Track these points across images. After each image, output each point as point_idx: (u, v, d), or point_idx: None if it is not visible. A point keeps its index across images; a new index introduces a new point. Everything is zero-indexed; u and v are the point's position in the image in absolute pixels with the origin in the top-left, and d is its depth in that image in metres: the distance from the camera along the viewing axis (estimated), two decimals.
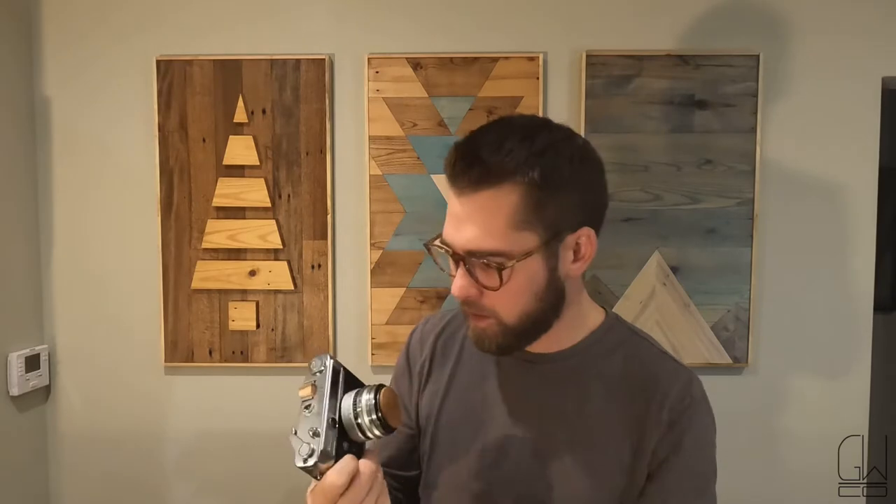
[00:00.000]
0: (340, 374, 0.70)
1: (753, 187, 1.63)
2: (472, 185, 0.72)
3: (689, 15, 1.65)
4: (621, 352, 0.85)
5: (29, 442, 1.68)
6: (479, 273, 0.74)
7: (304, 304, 1.68)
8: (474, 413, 0.87)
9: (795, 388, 1.68)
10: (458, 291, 0.75)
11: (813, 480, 1.67)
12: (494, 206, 0.72)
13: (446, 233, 0.76)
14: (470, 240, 0.73)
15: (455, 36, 1.66)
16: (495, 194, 0.71)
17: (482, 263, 0.74)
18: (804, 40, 1.64)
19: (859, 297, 1.67)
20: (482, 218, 0.72)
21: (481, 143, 0.74)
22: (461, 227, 0.74)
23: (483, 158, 0.72)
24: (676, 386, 0.81)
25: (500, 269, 0.73)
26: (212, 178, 1.66)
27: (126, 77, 1.67)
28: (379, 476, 0.68)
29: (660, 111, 1.63)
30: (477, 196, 0.72)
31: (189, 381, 1.72)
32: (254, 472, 1.72)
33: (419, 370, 0.94)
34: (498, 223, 0.72)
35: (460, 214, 0.74)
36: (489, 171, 0.71)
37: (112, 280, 1.70)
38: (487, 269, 0.74)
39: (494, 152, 0.72)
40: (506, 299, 0.75)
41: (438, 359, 0.93)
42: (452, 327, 0.95)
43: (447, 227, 0.76)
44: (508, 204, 0.71)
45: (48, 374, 1.71)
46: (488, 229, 0.72)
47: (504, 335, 0.78)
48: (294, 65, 1.65)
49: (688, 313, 1.65)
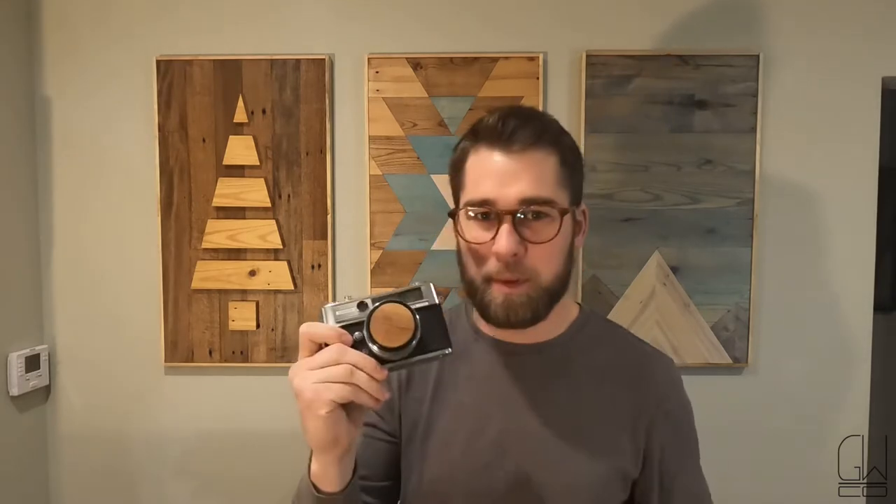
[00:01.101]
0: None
1: (753, 187, 1.63)
2: (526, 141, 0.77)
3: (689, 15, 1.65)
4: (603, 341, 0.90)
5: (29, 442, 1.68)
6: (525, 229, 0.77)
7: (304, 304, 1.68)
8: (468, 413, 0.87)
9: (795, 388, 1.68)
10: (506, 248, 0.75)
11: (813, 480, 1.67)
12: (544, 163, 0.78)
13: (489, 191, 0.77)
14: (524, 189, 0.76)
15: (455, 36, 1.66)
16: (545, 154, 0.79)
17: (534, 213, 0.77)
18: (804, 40, 1.64)
19: (859, 297, 1.67)
20: (536, 171, 0.77)
21: (524, 110, 0.82)
22: (512, 181, 0.76)
23: (537, 118, 0.80)
24: (660, 369, 0.89)
25: (563, 214, 0.79)
26: (212, 178, 1.66)
27: (126, 77, 1.67)
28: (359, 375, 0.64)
29: (660, 111, 1.63)
30: (530, 153, 0.78)
31: (189, 381, 1.72)
32: (254, 472, 1.72)
33: (396, 378, 0.92)
34: (549, 176, 0.79)
35: (510, 169, 0.77)
36: (544, 131, 0.79)
37: (112, 280, 1.70)
38: (537, 221, 0.78)
39: (542, 118, 0.81)
40: (549, 255, 0.78)
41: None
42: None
43: (488, 186, 0.77)
44: (553, 164, 0.79)
45: (48, 374, 1.70)
46: (542, 180, 0.78)
47: (539, 299, 0.80)
48: (294, 65, 1.65)
49: (688, 313, 1.65)
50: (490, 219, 0.78)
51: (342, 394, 0.62)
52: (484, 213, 0.79)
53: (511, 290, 0.79)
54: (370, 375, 0.63)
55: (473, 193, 0.79)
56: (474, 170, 0.81)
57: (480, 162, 0.80)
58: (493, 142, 0.79)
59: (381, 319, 0.65)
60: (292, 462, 1.70)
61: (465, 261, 0.84)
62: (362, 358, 0.63)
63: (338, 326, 0.66)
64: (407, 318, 0.65)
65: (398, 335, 0.65)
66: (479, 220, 0.79)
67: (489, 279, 0.80)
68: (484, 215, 0.79)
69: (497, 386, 0.87)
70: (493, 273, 0.79)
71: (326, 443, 0.65)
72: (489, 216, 0.78)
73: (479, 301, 0.82)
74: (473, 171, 0.81)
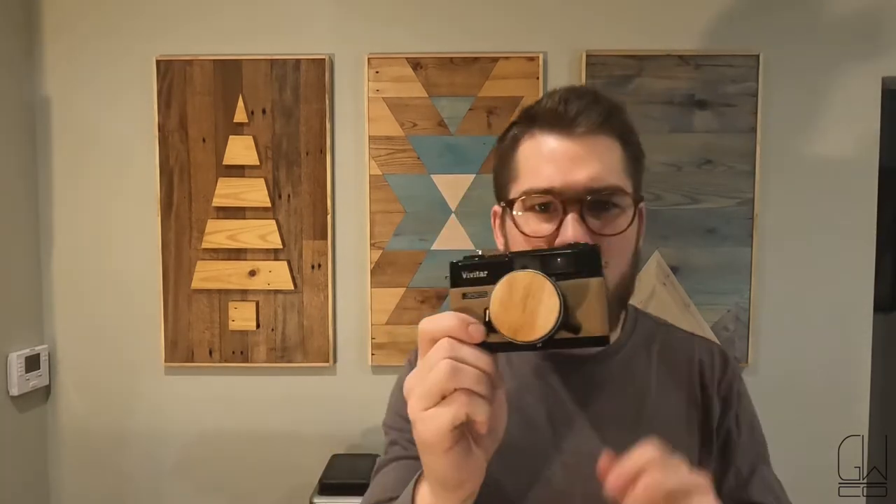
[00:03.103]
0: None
1: (753, 187, 1.63)
2: (592, 125, 0.69)
3: (688, 15, 1.65)
4: (657, 341, 0.83)
5: (29, 442, 1.68)
6: (593, 220, 0.68)
7: (304, 304, 1.68)
8: (527, 435, 0.74)
9: (795, 388, 1.68)
10: (575, 238, 0.65)
11: (813, 480, 1.67)
12: (611, 150, 0.71)
13: (552, 177, 0.68)
14: (592, 175, 0.68)
15: (455, 36, 1.66)
16: (609, 141, 0.71)
17: (603, 203, 0.69)
18: (804, 40, 1.64)
19: (859, 297, 1.67)
20: (603, 156, 0.70)
21: (587, 91, 0.73)
22: (578, 166, 0.68)
23: (603, 101, 0.71)
24: (717, 362, 0.82)
25: (636, 203, 0.71)
26: (212, 178, 1.66)
27: (126, 77, 1.67)
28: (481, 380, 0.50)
29: (660, 111, 1.63)
30: (595, 138, 0.70)
31: (189, 381, 1.72)
32: (254, 472, 1.72)
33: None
34: (616, 163, 0.71)
35: (575, 154, 0.69)
36: (610, 115, 0.71)
37: (112, 280, 1.70)
38: (606, 211, 0.69)
39: (607, 101, 0.72)
40: (620, 251, 0.70)
41: None
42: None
43: (550, 172, 0.68)
44: (619, 152, 0.72)
45: (48, 374, 1.70)
46: (611, 166, 0.70)
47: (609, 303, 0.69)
48: (294, 65, 1.65)
49: (688, 313, 1.65)
50: (551, 210, 0.69)
51: (456, 414, 0.49)
52: (544, 204, 0.69)
53: None
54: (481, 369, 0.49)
55: (533, 181, 0.69)
56: (531, 156, 0.72)
57: (538, 148, 0.71)
58: (554, 125, 0.70)
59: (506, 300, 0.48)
60: (292, 462, 1.70)
61: None
62: (472, 352, 0.49)
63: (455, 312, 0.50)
64: (548, 300, 0.47)
65: (529, 326, 0.47)
66: (537, 211, 0.70)
67: None
68: (543, 206, 0.69)
69: (557, 404, 0.76)
70: None
71: (451, 485, 0.53)
72: (549, 206, 0.69)
73: None
74: (530, 158, 0.72)
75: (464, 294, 0.51)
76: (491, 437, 0.55)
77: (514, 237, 0.73)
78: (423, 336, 0.52)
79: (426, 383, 0.50)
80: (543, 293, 0.47)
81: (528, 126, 0.74)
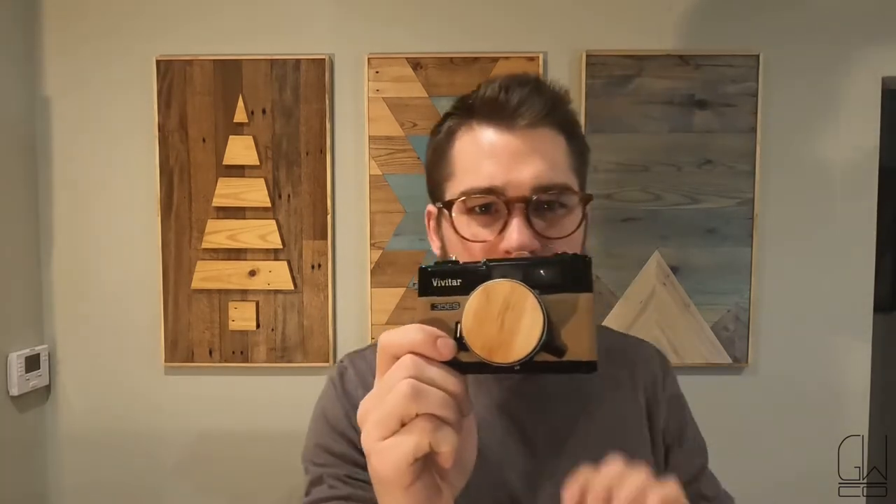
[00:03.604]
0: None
1: (753, 187, 1.63)
2: (535, 116, 0.63)
3: (688, 15, 1.65)
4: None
5: (29, 442, 1.68)
6: (539, 222, 0.62)
7: (304, 304, 1.68)
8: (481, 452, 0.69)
9: (795, 388, 1.68)
10: (519, 242, 0.60)
11: (813, 480, 1.67)
12: (555, 143, 0.65)
13: (493, 176, 0.62)
14: (539, 174, 0.62)
15: (455, 36, 1.66)
16: (554, 134, 0.65)
17: (549, 203, 0.63)
18: (804, 40, 1.64)
19: (859, 297, 1.67)
20: (549, 151, 0.64)
21: (528, 78, 0.66)
22: (522, 163, 0.62)
23: (545, 88, 0.65)
24: (655, 361, 0.81)
25: (585, 202, 0.64)
26: (212, 178, 1.66)
27: (126, 77, 1.67)
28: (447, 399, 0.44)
29: (660, 111, 1.63)
30: (540, 131, 0.64)
31: (189, 381, 1.72)
32: (254, 472, 1.72)
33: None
34: (562, 158, 0.65)
35: (518, 149, 0.62)
36: (555, 105, 0.65)
37: (112, 280, 1.70)
38: (552, 212, 0.63)
39: (550, 88, 0.66)
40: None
41: None
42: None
43: (492, 170, 0.62)
44: (563, 145, 0.66)
45: (48, 374, 1.70)
46: (556, 163, 0.64)
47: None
48: (294, 65, 1.65)
49: (688, 313, 1.65)
50: (493, 211, 0.64)
51: (419, 444, 0.42)
52: (485, 205, 0.64)
53: None
54: (449, 392, 0.43)
55: (473, 180, 0.63)
56: (469, 152, 0.66)
57: (477, 142, 0.65)
58: (493, 117, 0.64)
59: (481, 313, 0.41)
60: (292, 462, 1.70)
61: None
62: (438, 371, 0.43)
63: (422, 324, 0.44)
64: (530, 316, 0.40)
65: (507, 345, 0.41)
66: (478, 213, 0.64)
67: None
68: (485, 207, 0.64)
69: (509, 417, 0.70)
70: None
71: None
72: (491, 207, 0.63)
73: None
74: (468, 154, 0.66)
75: (433, 304, 0.44)
76: (458, 471, 0.48)
77: (453, 242, 0.67)
78: (383, 351, 0.45)
79: (384, 407, 0.42)
80: (525, 307, 0.41)
81: (466, 117, 0.68)
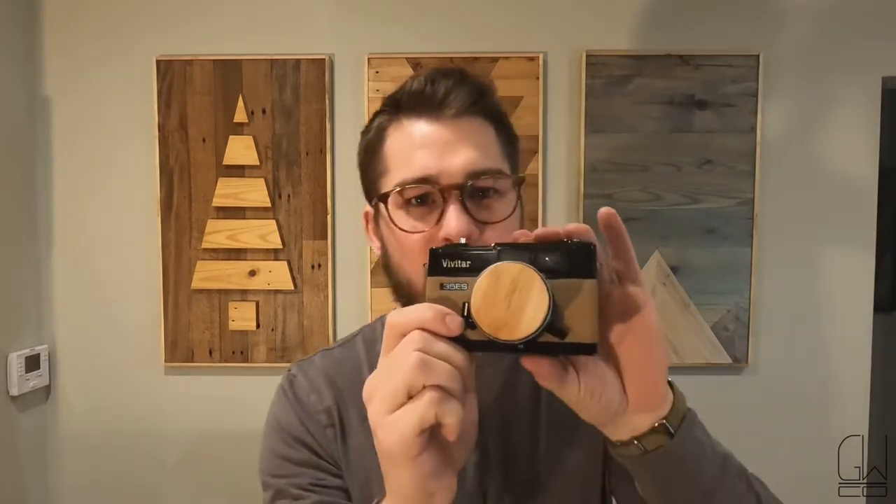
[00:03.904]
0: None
1: (753, 187, 1.63)
2: (461, 106, 0.64)
3: (688, 15, 1.65)
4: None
5: (29, 442, 1.68)
6: (475, 208, 0.63)
7: (304, 304, 1.68)
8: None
9: (795, 388, 1.68)
10: (457, 229, 0.60)
11: (813, 480, 1.67)
12: (484, 130, 0.66)
13: (426, 165, 0.63)
14: (470, 159, 0.63)
15: (455, 36, 1.65)
16: (481, 123, 0.66)
17: (483, 189, 0.63)
18: (804, 40, 1.64)
19: (859, 297, 1.67)
20: (479, 138, 0.65)
21: (452, 70, 0.67)
22: (454, 150, 0.63)
23: (471, 80, 0.66)
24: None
25: (518, 185, 0.65)
26: (212, 178, 1.66)
27: (126, 77, 1.67)
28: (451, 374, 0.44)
29: (660, 111, 1.63)
30: (467, 120, 0.65)
31: (189, 381, 1.72)
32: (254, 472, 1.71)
33: (326, 421, 0.72)
34: (492, 145, 0.66)
35: (449, 138, 0.63)
36: (480, 95, 0.65)
37: (112, 280, 1.70)
38: (487, 198, 0.64)
39: (475, 80, 0.67)
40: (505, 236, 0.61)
41: (351, 402, 0.72)
42: (352, 362, 0.75)
43: (424, 160, 0.63)
44: (492, 132, 0.67)
45: (48, 374, 1.70)
46: (487, 149, 0.65)
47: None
48: (294, 65, 1.65)
49: (688, 313, 1.65)
50: (429, 202, 0.63)
51: (425, 415, 0.43)
52: (421, 196, 0.63)
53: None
54: (455, 366, 0.44)
55: (407, 172, 0.63)
56: (401, 145, 0.66)
57: (407, 135, 0.65)
58: (422, 109, 0.65)
59: (490, 292, 0.43)
60: None
61: (397, 260, 0.67)
62: (446, 346, 0.44)
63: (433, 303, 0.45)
64: (536, 297, 0.42)
65: (513, 323, 0.42)
66: (414, 205, 0.64)
67: None
68: (420, 199, 0.64)
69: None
70: None
71: (419, 500, 0.47)
72: (427, 198, 0.63)
73: None
74: (400, 148, 0.66)
75: (441, 284, 0.46)
76: (461, 449, 0.49)
77: (391, 236, 0.67)
78: (391, 330, 0.46)
79: (392, 381, 0.44)
80: (532, 289, 0.42)
81: (394, 113, 0.68)
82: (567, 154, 1.66)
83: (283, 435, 0.73)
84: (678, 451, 0.50)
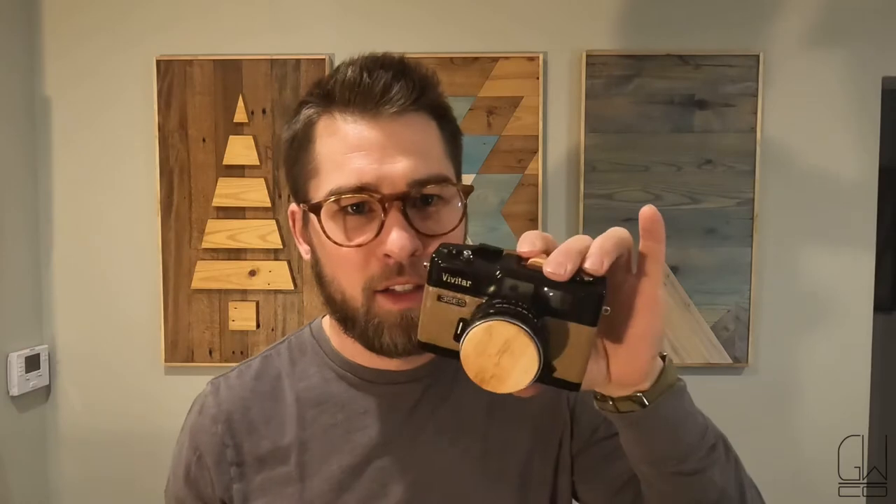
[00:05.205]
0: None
1: (753, 187, 1.63)
2: (404, 101, 0.57)
3: (688, 15, 1.65)
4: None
5: (29, 442, 1.68)
6: (418, 219, 0.57)
7: (304, 304, 1.68)
8: (362, 484, 0.64)
9: (795, 388, 1.68)
10: (400, 245, 0.54)
11: (813, 480, 1.67)
12: (427, 129, 0.60)
13: (364, 172, 0.56)
14: (414, 166, 0.56)
15: (455, 36, 1.65)
16: (425, 120, 0.60)
17: (427, 197, 0.58)
18: (804, 40, 1.64)
19: (859, 298, 1.67)
20: (422, 141, 0.59)
21: (391, 59, 0.60)
22: (394, 155, 0.56)
23: (412, 69, 0.60)
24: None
25: (466, 194, 0.60)
26: (212, 178, 1.66)
27: (126, 77, 1.67)
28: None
29: (660, 111, 1.63)
30: (410, 117, 0.58)
31: (189, 381, 1.71)
32: None
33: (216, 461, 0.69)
34: (436, 147, 0.60)
35: (388, 140, 0.57)
36: (424, 88, 0.59)
37: (112, 280, 1.70)
38: (430, 206, 0.59)
39: (416, 69, 0.61)
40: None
41: (252, 433, 0.68)
42: (264, 383, 0.71)
43: (361, 165, 0.56)
44: (435, 131, 0.61)
45: (48, 374, 1.70)
46: (430, 153, 0.59)
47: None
48: (294, 65, 1.65)
49: (688, 313, 1.65)
50: (366, 210, 0.57)
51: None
52: (356, 205, 0.57)
53: (410, 303, 0.57)
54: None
55: (341, 178, 0.56)
56: (333, 146, 0.58)
57: (340, 134, 0.58)
58: (357, 105, 0.57)
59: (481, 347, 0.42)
60: None
61: (330, 272, 0.61)
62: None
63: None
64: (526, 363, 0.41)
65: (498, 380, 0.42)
66: (351, 213, 0.58)
67: (372, 291, 0.58)
68: (356, 206, 0.57)
69: (384, 434, 0.65)
70: (378, 282, 0.57)
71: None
72: (365, 207, 0.57)
73: (362, 323, 0.59)
74: (332, 148, 0.58)
75: (440, 296, 0.45)
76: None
77: (324, 247, 0.60)
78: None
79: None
80: (524, 355, 0.41)
81: (325, 105, 0.60)
82: (567, 154, 1.66)
83: (180, 471, 0.75)
84: (650, 418, 0.50)
